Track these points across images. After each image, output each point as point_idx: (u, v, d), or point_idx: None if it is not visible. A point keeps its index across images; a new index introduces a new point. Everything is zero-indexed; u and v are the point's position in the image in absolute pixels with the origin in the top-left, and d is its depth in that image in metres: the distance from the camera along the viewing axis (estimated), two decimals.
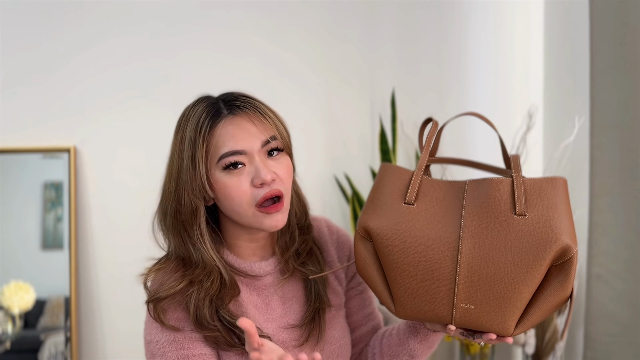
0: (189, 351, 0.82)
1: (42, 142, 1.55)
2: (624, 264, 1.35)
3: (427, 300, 0.78)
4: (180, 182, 0.83)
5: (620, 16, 1.32)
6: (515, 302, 0.75)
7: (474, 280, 0.76)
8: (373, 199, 0.86)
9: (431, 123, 0.92)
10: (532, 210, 0.77)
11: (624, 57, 1.32)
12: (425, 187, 0.84)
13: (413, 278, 0.78)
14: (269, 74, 1.66)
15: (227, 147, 0.81)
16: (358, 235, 0.84)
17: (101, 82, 1.57)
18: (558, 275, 0.75)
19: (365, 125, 1.76)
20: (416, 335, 0.89)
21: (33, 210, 1.54)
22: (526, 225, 0.75)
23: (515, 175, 0.80)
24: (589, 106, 1.40)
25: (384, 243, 0.80)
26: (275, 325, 0.88)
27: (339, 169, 1.73)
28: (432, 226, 0.79)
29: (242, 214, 0.83)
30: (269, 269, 0.91)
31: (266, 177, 0.80)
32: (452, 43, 1.79)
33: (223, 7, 1.64)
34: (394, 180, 0.86)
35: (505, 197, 0.78)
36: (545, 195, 0.78)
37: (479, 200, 0.79)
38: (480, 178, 0.83)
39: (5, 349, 1.50)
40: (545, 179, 0.80)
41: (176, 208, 0.84)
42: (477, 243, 0.76)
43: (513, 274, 0.74)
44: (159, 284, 0.85)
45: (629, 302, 1.34)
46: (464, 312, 0.77)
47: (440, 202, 0.82)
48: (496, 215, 0.77)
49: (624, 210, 1.34)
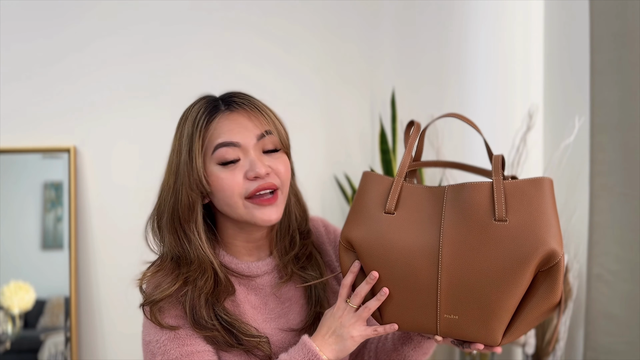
0: (191, 347, 0.82)
1: (42, 142, 1.55)
2: (624, 264, 1.34)
3: (411, 312, 0.77)
4: (179, 177, 0.83)
5: (620, 16, 1.32)
6: (500, 312, 0.72)
7: (456, 291, 0.73)
8: (355, 209, 0.84)
9: (414, 126, 0.89)
10: (514, 215, 0.73)
11: (624, 57, 1.32)
12: (405, 194, 0.82)
13: (396, 289, 0.77)
14: (269, 73, 1.66)
15: (221, 139, 0.82)
16: (342, 246, 0.83)
17: (101, 82, 1.57)
18: (545, 281, 0.72)
19: (365, 125, 1.76)
20: (410, 343, 0.89)
21: (33, 210, 1.54)
22: (507, 231, 0.72)
23: (494, 179, 0.76)
24: (589, 106, 1.40)
25: (366, 254, 0.79)
26: (274, 326, 0.88)
27: (339, 169, 1.73)
28: (413, 235, 0.77)
29: (234, 206, 0.83)
30: (265, 269, 0.91)
31: (260, 170, 0.81)
32: (452, 43, 1.79)
33: (222, 7, 1.64)
34: (374, 189, 0.84)
35: (485, 202, 0.75)
36: (528, 198, 0.74)
37: (458, 206, 0.76)
38: (461, 183, 0.79)
39: (5, 349, 1.50)
40: (528, 180, 0.75)
41: (173, 204, 0.84)
42: (457, 251, 0.74)
43: (496, 282, 0.71)
44: (154, 286, 0.84)
45: (629, 302, 1.34)
46: (448, 323, 0.75)
47: (420, 210, 0.79)
48: (476, 221, 0.74)
49: (624, 210, 1.34)
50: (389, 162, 1.65)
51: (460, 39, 1.79)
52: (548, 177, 0.76)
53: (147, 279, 0.85)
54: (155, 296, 0.82)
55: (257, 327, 0.86)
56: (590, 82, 1.40)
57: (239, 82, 1.64)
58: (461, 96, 1.80)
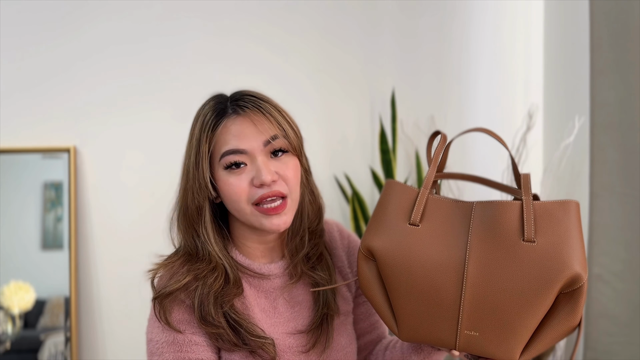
0: (187, 355, 0.81)
1: (42, 142, 1.55)
2: (624, 264, 1.35)
3: (430, 325, 0.76)
4: (189, 179, 0.84)
5: (620, 16, 1.32)
6: (521, 331, 0.72)
7: (479, 307, 0.73)
8: (377, 217, 0.83)
9: (439, 136, 0.87)
10: (542, 236, 0.73)
11: (624, 57, 1.32)
12: (431, 206, 0.81)
13: (417, 302, 0.76)
14: (269, 74, 1.66)
15: (228, 146, 0.81)
16: (361, 254, 0.81)
17: (101, 82, 1.57)
18: (567, 304, 0.72)
19: (365, 125, 1.75)
20: (419, 353, 0.88)
21: (33, 210, 1.54)
22: (534, 252, 0.72)
23: (525, 199, 0.76)
24: (589, 106, 1.40)
25: (387, 264, 0.78)
26: (282, 330, 0.87)
27: (339, 169, 1.73)
28: (437, 249, 0.76)
29: (242, 211, 0.83)
30: (277, 272, 0.90)
31: (266, 178, 0.80)
32: (452, 43, 1.79)
33: (223, 12, 1.64)
34: (399, 199, 0.83)
35: (514, 221, 0.75)
36: (555, 220, 0.75)
37: (486, 223, 0.76)
38: (489, 200, 0.79)
39: (5, 349, 1.50)
40: (556, 202, 0.76)
41: (184, 206, 0.85)
42: (483, 269, 0.73)
43: (519, 301, 0.71)
44: (166, 280, 0.84)
45: (629, 302, 1.34)
46: (468, 339, 0.74)
47: (446, 224, 0.79)
48: (504, 241, 0.74)
49: (624, 210, 1.34)
50: (389, 162, 1.65)
51: (460, 39, 1.79)
52: (575, 201, 0.77)
53: (160, 270, 0.86)
54: (166, 289, 0.82)
55: (264, 330, 0.85)
56: (590, 82, 1.40)
57: (239, 83, 1.64)
58: (461, 96, 1.80)
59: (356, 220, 1.64)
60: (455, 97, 1.79)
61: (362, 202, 1.65)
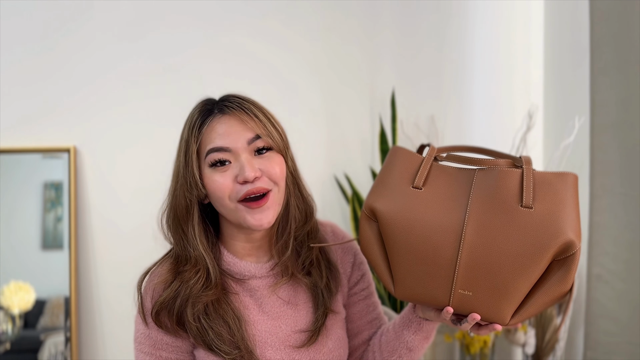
0: (160, 352, 0.86)
1: (42, 142, 1.55)
2: (624, 264, 1.34)
3: (426, 284, 0.79)
4: (179, 180, 0.86)
5: (620, 16, 1.32)
6: (513, 293, 0.75)
7: (474, 268, 0.76)
8: (381, 180, 0.86)
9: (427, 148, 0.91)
10: (539, 204, 0.76)
11: (624, 57, 1.32)
12: (434, 172, 0.84)
13: (414, 261, 0.79)
14: (268, 74, 1.66)
15: (213, 144, 0.84)
16: (364, 214, 0.84)
17: (101, 82, 1.57)
18: (559, 270, 0.75)
19: (365, 125, 1.75)
20: (410, 326, 0.90)
21: (33, 210, 1.54)
22: (531, 218, 0.75)
23: (525, 168, 0.80)
24: (589, 106, 1.40)
25: (388, 225, 0.80)
26: (269, 328, 0.89)
27: (339, 169, 1.73)
28: (438, 211, 0.79)
29: (227, 208, 0.85)
30: (263, 272, 0.92)
31: (249, 174, 0.82)
32: (452, 43, 1.79)
33: (222, 9, 1.64)
34: (403, 164, 0.86)
35: (514, 188, 0.78)
36: (553, 189, 0.78)
37: (486, 189, 0.79)
38: (491, 167, 0.82)
39: (5, 349, 1.50)
40: (555, 173, 0.80)
41: (174, 205, 0.87)
42: (481, 231, 0.76)
43: (514, 264, 0.74)
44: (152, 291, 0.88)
45: (629, 302, 1.34)
46: (461, 298, 0.77)
47: (448, 188, 0.82)
48: (502, 205, 0.77)
49: (624, 210, 1.34)
50: None
51: (460, 39, 1.79)
52: (574, 173, 0.80)
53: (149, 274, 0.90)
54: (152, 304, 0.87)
55: (254, 327, 0.88)
56: (590, 82, 1.40)
57: (239, 83, 1.65)
58: (461, 96, 1.80)
59: (356, 221, 1.64)
60: (455, 97, 1.79)
61: (362, 202, 1.65)
